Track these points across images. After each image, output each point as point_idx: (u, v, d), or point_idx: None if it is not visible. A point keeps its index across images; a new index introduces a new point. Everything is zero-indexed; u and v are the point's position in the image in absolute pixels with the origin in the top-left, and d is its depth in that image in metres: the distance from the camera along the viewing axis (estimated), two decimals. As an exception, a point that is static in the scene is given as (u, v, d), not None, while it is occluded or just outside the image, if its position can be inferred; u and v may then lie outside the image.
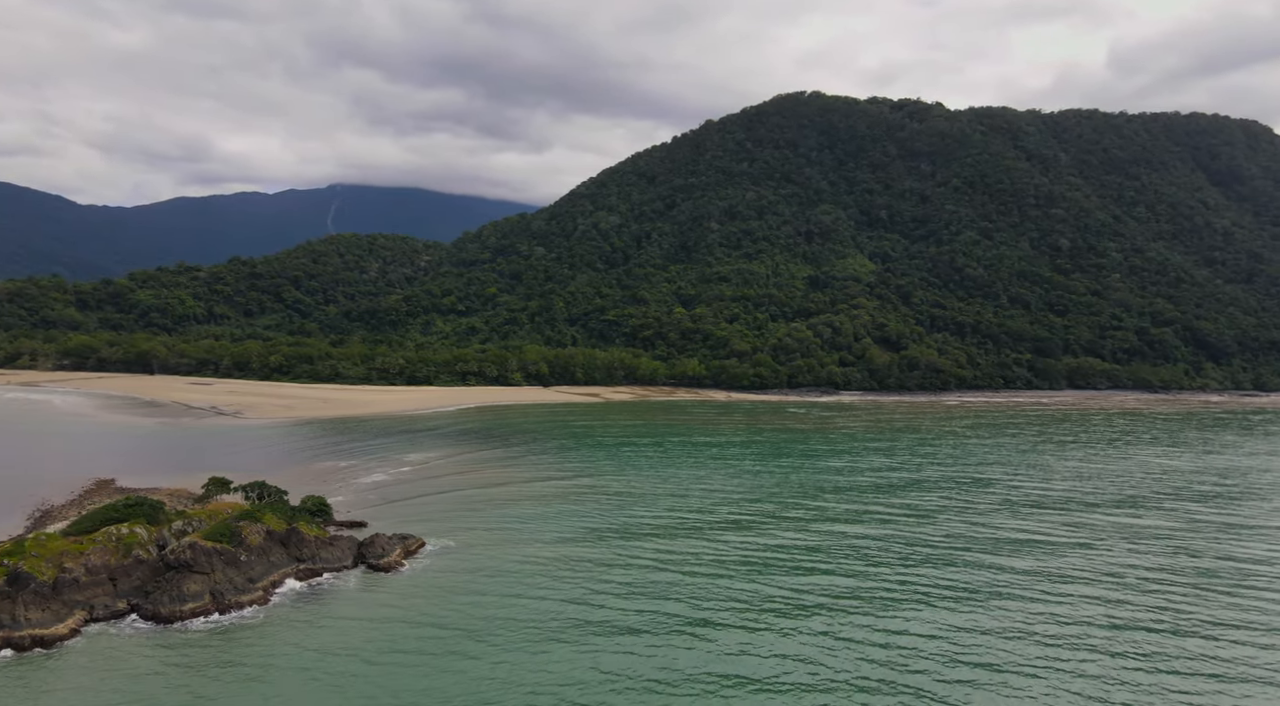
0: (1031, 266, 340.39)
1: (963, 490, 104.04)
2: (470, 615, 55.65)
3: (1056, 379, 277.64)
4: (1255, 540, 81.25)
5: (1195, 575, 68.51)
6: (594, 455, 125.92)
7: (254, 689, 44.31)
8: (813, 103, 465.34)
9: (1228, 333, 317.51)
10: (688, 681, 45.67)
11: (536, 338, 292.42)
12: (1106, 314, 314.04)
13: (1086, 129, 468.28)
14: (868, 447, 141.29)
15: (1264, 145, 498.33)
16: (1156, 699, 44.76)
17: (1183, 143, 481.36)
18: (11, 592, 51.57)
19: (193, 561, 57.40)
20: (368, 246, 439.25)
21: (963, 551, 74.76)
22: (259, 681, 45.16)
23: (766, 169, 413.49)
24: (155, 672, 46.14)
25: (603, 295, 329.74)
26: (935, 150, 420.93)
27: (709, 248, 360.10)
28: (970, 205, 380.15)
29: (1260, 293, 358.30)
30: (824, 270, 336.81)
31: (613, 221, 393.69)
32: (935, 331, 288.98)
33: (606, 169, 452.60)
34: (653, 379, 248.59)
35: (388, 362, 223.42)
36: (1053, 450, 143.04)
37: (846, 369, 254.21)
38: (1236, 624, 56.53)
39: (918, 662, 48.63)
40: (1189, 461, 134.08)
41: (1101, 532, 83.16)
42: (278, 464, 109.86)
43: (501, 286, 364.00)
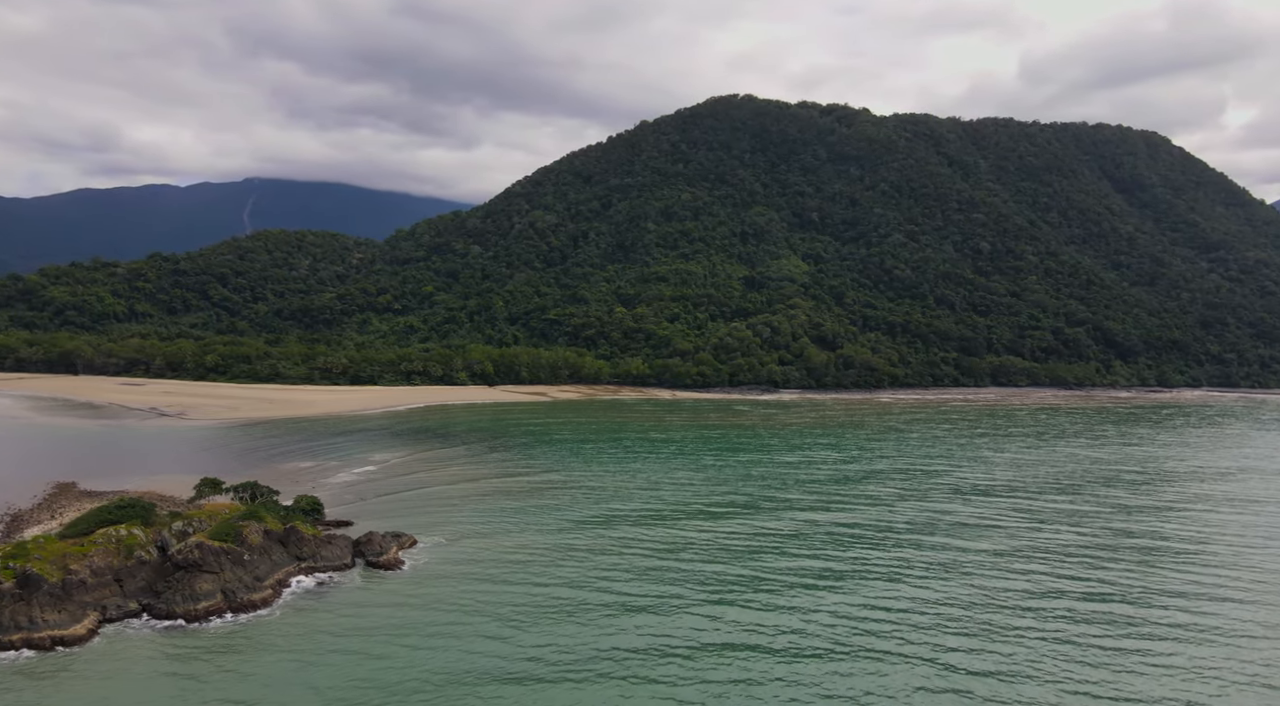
0: (955, 268, 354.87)
1: (914, 480, 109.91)
2: (482, 603, 57.87)
3: (981, 376, 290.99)
4: (1178, 520, 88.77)
5: (1133, 551, 74.88)
6: (556, 452, 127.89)
7: (284, 685, 45.36)
8: (745, 106, 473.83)
9: (1134, 332, 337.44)
10: (698, 651, 48.82)
11: (477, 337, 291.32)
12: (1025, 314, 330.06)
13: (1003, 137, 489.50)
14: (819, 443, 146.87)
15: (1163, 155, 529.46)
16: (1105, 653, 49.74)
17: (1090, 151, 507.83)
18: (25, 594, 51.29)
19: (201, 561, 57.71)
20: (296, 243, 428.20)
21: (925, 534, 79.93)
22: (288, 678, 46.22)
23: (701, 170, 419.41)
24: (182, 670, 46.80)
25: (541, 294, 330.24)
26: (863, 155, 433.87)
27: (646, 248, 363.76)
28: (897, 209, 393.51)
29: (1162, 294, 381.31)
30: (759, 271, 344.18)
31: (550, 220, 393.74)
32: (868, 331, 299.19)
33: (542, 168, 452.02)
34: (597, 378, 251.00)
35: (330, 362, 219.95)
36: (989, 443, 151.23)
37: (785, 367, 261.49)
38: (1173, 592, 62.49)
39: (894, 630, 52.75)
40: (1112, 452, 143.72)
41: (1045, 515, 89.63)
42: (243, 465, 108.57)
43: (438, 285, 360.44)
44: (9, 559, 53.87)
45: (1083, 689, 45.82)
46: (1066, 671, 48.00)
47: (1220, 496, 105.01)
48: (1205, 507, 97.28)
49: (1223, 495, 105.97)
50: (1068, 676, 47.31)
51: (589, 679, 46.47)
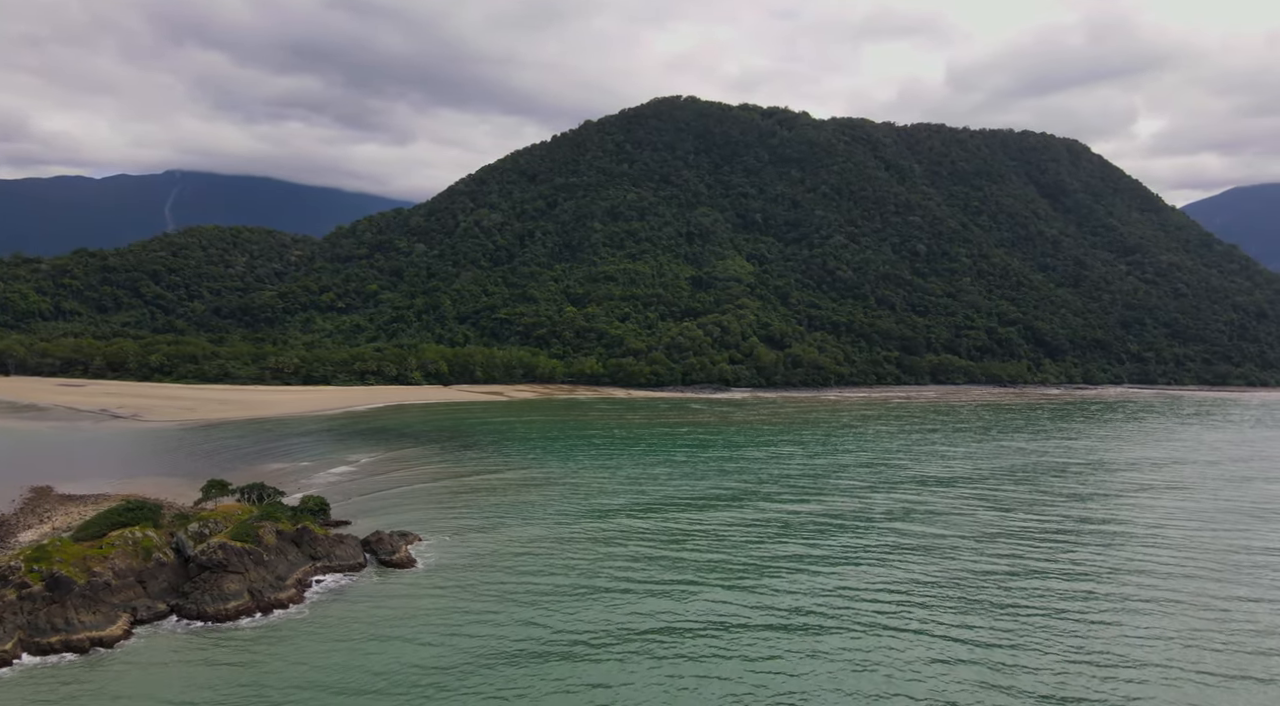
0: (894, 270, 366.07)
1: (881, 472, 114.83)
2: (505, 593, 60.18)
3: (922, 375, 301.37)
4: (1129, 506, 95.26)
5: (1093, 534, 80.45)
6: (530, 450, 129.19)
7: (337, 676, 46.48)
8: (688, 107, 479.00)
9: (1061, 332, 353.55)
10: (716, 629, 51.71)
11: (427, 336, 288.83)
12: (961, 315, 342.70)
13: (936, 142, 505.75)
14: (782, 439, 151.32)
15: (1083, 162, 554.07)
16: (1080, 624, 54.32)
17: (1017, 158, 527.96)
18: (57, 597, 51.16)
19: (226, 562, 58.06)
20: (231, 239, 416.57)
21: (901, 521, 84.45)
22: (340, 669, 47.30)
23: (646, 170, 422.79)
24: (229, 669, 47.49)
25: (489, 293, 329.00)
26: (804, 157, 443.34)
27: (593, 247, 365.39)
28: (838, 211, 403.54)
29: (1085, 296, 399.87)
30: (705, 271, 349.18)
31: (495, 219, 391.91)
32: (814, 331, 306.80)
33: (486, 166, 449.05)
34: (551, 377, 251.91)
35: (281, 362, 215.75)
36: (943, 438, 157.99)
37: (736, 366, 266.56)
38: (1137, 569, 67.87)
39: (886, 606, 56.48)
40: (1056, 445, 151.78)
41: (1007, 503, 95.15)
42: (217, 467, 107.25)
43: (383, 283, 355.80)
44: (33, 562, 53.46)
45: (1058, 652, 50.03)
46: (1045, 640, 52.25)
47: (1162, 484, 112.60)
48: (1150, 495, 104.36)
49: (1164, 483, 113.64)
50: (1045, 644, 51.54)
51: (622, 654, 49.75)
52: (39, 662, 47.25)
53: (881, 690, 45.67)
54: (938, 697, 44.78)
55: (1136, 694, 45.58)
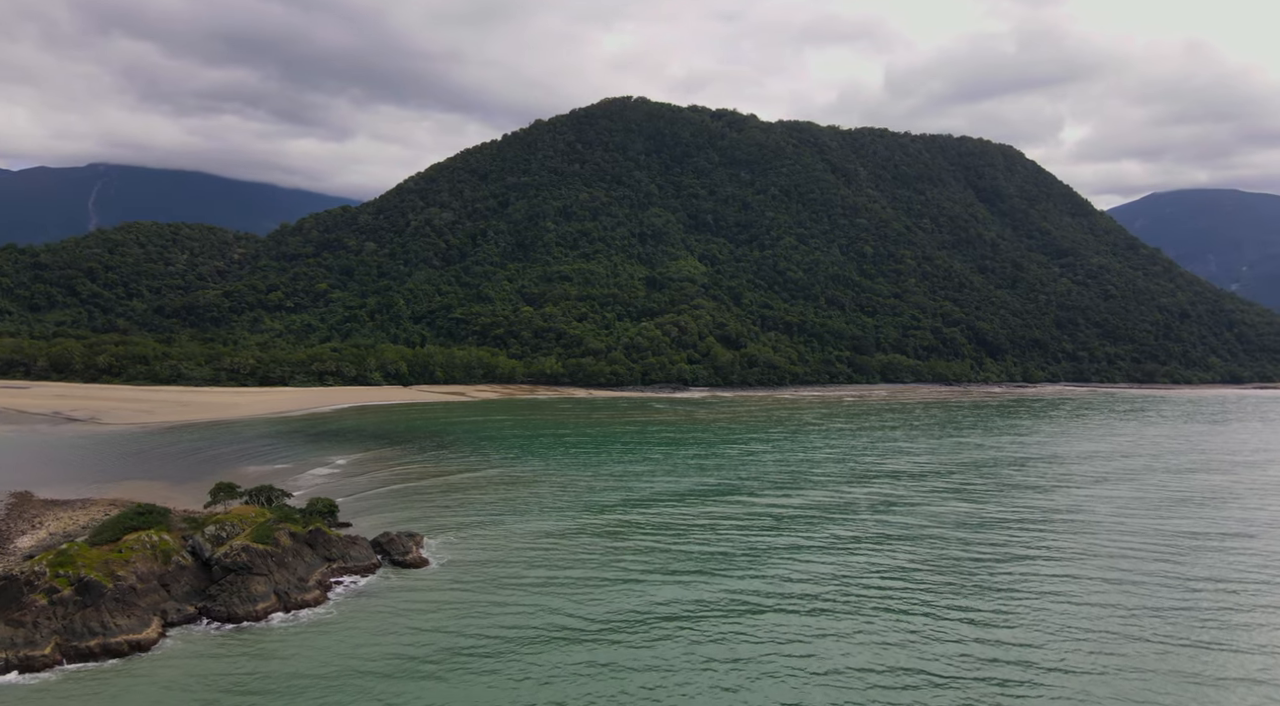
0: (843, 271, 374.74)
1: (852, 466, 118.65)
2: (529, 585, 61.84)
3: (872, 374, 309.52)
4: (1089, 498, 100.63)
5: (1062, 522, 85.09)
6: (508, 450, 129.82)
7: (377, 671, 47.14)
8: (639, 107, 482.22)
9: (1001, 332, 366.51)
10: (734, 609, 54.13)
11: (381, 336, 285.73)
12: (907, 315, 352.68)
13: (879, 146, 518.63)
14: (751, 437, 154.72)
15: (1018, 168, 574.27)
16: (1054, 600, 58.27)
17: (955, 162, 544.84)
18: (89, 601, 50.89)
19: (250, 564, 58.17)
20: (171, 236, 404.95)
21: (880, 513, 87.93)
22: (378, 665, 47.94)
23: (598, 171, 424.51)
24: (269, 667, 47.97)
25: (443, 293, 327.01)
26: (753, 159, 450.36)
27: (546, 247, 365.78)
28: (787, 212, 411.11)
29: (1022, 297, 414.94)
30: (659, 271, 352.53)
31: (446, 218, 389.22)
32: (768, 331, 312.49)
33: (435, 164, 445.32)
34: (511, 377, 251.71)
35: (237, 362, 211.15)
36: (903, 434, 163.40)
37: (694, 366, 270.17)
38: (1107, 553, 72.41)
39: (876, 590, 59.61)
40: (1011, 440, 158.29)
41: (978, 494, 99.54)
42: (192, 470, 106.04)
43: (332, 282, 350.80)
44: (58, 567, 52.97)
45: (1045, 628, 53.67)
46: (1032, 617, 55.86)
47: (1116, 476, 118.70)
48: (1107, 486, 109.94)
49: (1117, 474, 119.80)
50: (1032, 620, 55.16)
51: (648, 636, 52.54)
52: (80, 667, 47.05)
53: (893, 664, 48.52)
54: (928, 669, 47.82)
55: (1112, 663, 49.21)
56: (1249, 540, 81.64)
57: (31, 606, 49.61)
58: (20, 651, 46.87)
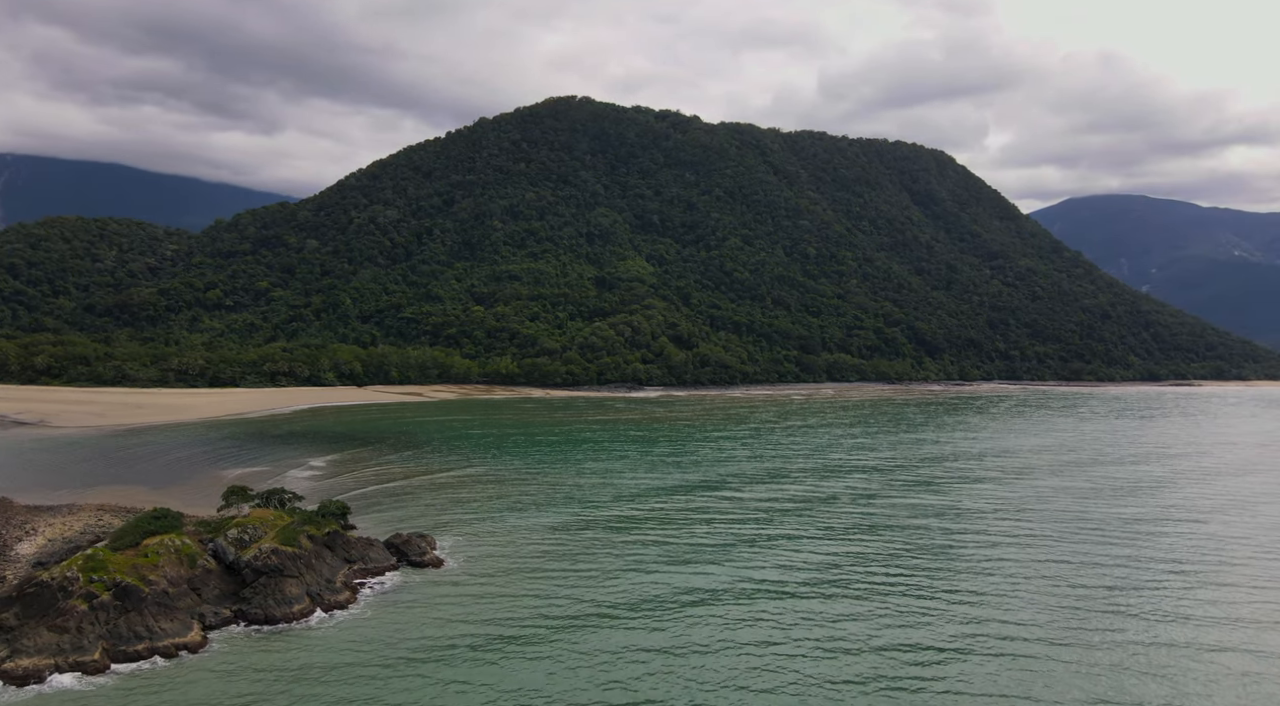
0: (787, 272, 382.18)
1: (820, 459, 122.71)
2: (548, 576, 64.14)
3: (819, 373, 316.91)
4: (1051, 489, 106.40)
5: (1034, 512, 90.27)
6: (486, 450, 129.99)
7: (432, 658, 48.18)
8: (584, 107, 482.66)
9: (939, 332, 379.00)
10: (737, 593, 56.73)
11: (329, 336, 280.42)
12: (850, 315, 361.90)
13: (818, 149, 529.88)
14: (718, 436, 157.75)
15: (950, 172, 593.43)
16: (1016, 582, 62.58)
17: (891, 166, 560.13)
18: (128, 605, 50.45)
19: (281, 566, 58.17)
20: (98, 231, 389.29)
21: (860, 504, 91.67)
22: (430, 654, 48.97)
23: (543, 170, 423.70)
24: (326, 664, 48.45)
25: (390, 292, 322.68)
26: (698, 161, 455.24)
27: (494, 246, 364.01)
28: (732, 213, 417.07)
29: (957, 298, 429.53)
30: (608, 271, 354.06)
31: (391, 216, 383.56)
32: (718, 330, 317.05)
33: (378, 161, 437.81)
34: (466, 377, 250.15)
35: (185, 363, 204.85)
36: (860, 432, 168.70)
37: (648, 366, 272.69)
38: (1071, 539, 77.38)
39: (874, 574, 63.24)
40: (963, 435, 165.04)
41: (943, 485, 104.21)
42: (174, 473, 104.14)
43: (274, 280, 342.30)
44: (91, 572, 52.28)
45: (1007, 601, 57.71)
46: (1002, 595, 59.82)
47: (1070, 466, 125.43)
48: (1063, 478, 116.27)
49: (1066, 465, 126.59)
50: (1001, 597, 59.12)
51: (676, 617, 55.61)
52: (133, 669, 46.69)
53: (890, 642, 51.70)
54: (921, 643, 51.20)
55: (1076, 623, 53.35)
56: (1197, 524, 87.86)
57: (72, 612, 48.97)
58: (70, 657, 46.34)
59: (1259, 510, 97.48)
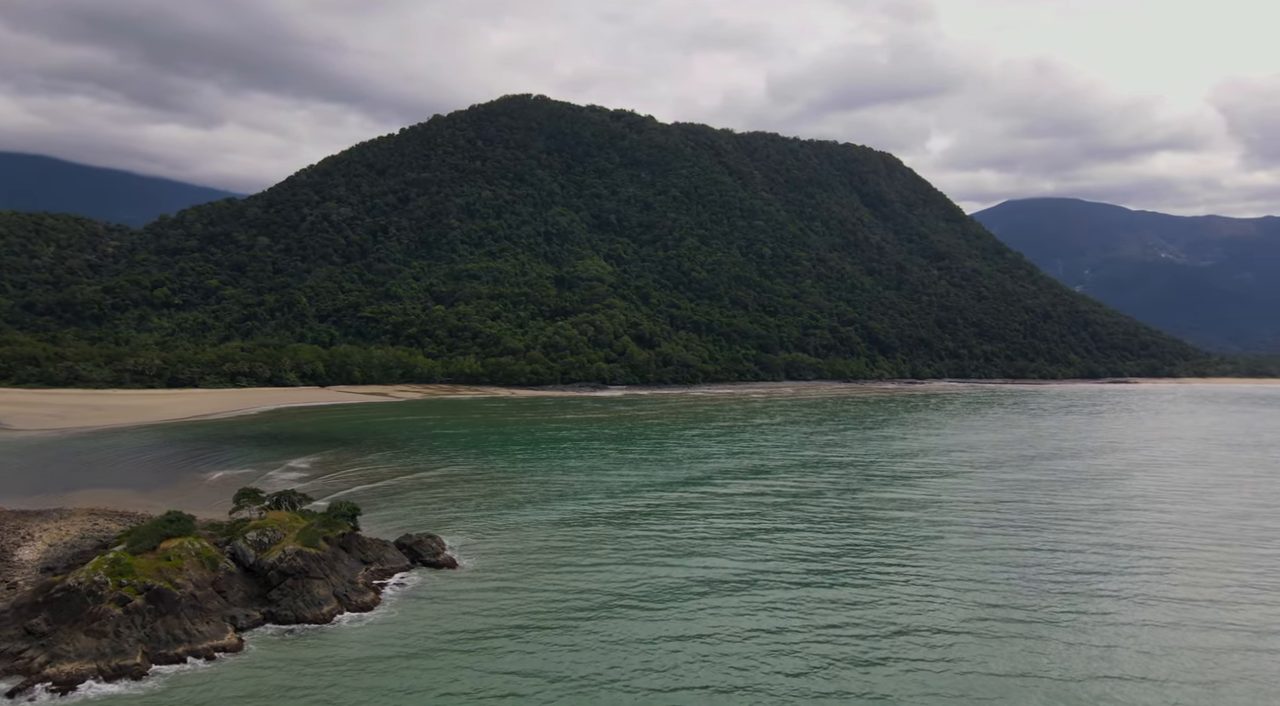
0: (744, 272, 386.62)
1: (795, 455, 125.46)
2: (564, 568, 66.37)
3: (777, 372, 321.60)
4: (1032, 484, 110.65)
5: (1011, 504, 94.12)
6: (463, 449, 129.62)
7: (459, 655, 49.01)
8: (539, 106, 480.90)
9: (891, 331, 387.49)
10: (741, 579, 58.70)
11: (286, 335, 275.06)
12: (806, 314, 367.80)
13: (772, 150, 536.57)
14: (691, 434, 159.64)
15: (898, 175, 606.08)
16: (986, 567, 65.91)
17: (841, 168, 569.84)
18: (166, 608, 50.03)
19: (306, 568, 58.03)
20: (34, 227, 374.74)
21: (840, 496, 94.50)
22: (460, 650, 49.78)
23: (500, 168, 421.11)
24: (368, 665, 48.67)
25: (346, 290, 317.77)
26: (654, 161, 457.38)
27: (452, 244, 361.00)
28: (689, 214, 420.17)
29: (907, 298, 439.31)
30: (567, 270, 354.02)
31: (345, 213, 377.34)
32: (678, 330, 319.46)
33: (330, 157, 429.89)
34: (430, 377, 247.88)
35: (142, 363, 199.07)
36: (829, 429, 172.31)
37: (612, 365, 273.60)
38: (1027, 524, 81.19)
39: (871, 559, 65.84)
40: (927, 432, 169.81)
41: (921, 480, 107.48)
42: (157, 476, 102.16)
43: (224, 279, 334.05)
44: (119, 576, 51.64)
45: (984, 580, 60.86)
46: (982, 575, 62.99)
47: (1032, 459, 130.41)
48: (1036, 473, 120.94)
49: (1030, 456, 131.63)
50: (980, 575, 62.29)
51: (690, 604, 58.47)
52: (175, 672, 46.36)
53: (883, 621, 54.15)
54: (921, 626, 53.81)
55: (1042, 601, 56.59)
56: (1161, 513, 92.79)
57: (107, 616, 48.39)
58: (111, 661, 45.87)
59: (1213, 498, 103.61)
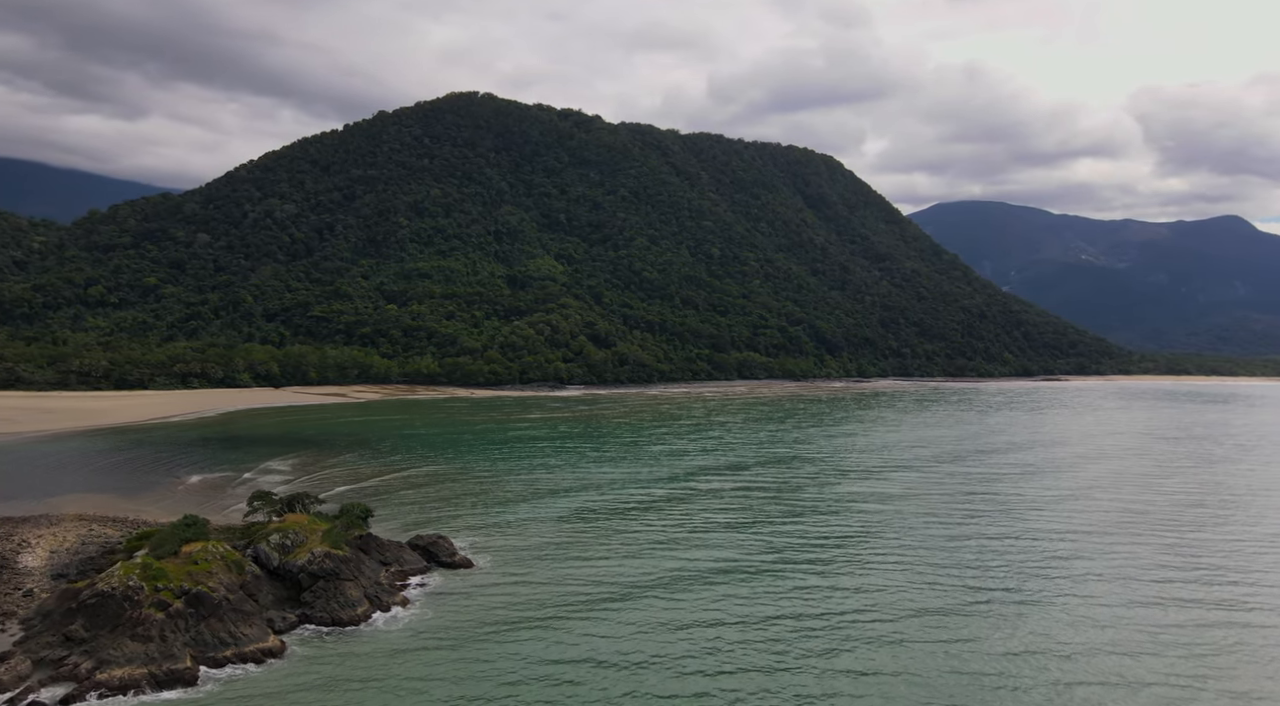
0: (694, 272, 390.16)
1: (768, 452, 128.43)
2: (582, 560, 69.24)
3: (730, 371, 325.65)
4: (996, 477, 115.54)
5: (982, 496, 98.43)
6: (440, 448, 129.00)
7: (504, 655, 49.59)
8: (486, 103, 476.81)
9: (838, 331, 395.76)
10: (760, 561, 60.78)
11: (234, 335, 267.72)
12: (755, 314, 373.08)
13: (717, 151, 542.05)
14: (660, 432, 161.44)
15: (839, 177, 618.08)
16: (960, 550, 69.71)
17: (785, 170, 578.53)
18: (207, 612, 49.61)
19: (337, 570, 57.96)
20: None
21: (818, 487, 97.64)
22: (518, 634, 50.78)
23: (448, 166, 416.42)
24: (419, 644, 50.48)
25: (292, 289, 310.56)
26: (602, 160, 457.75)
27: (401, 243, 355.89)
28: (638, 214, 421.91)
29: (851, 298, 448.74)
30: (518, 270, 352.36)
31: (289, 210, 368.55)
32: (633, 329, 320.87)
33: (270, 152, 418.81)
34: (387, 377, 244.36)
35: (88, 364, 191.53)
36: (792, 425, 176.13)
37: (569, 364, 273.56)
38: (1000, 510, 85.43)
39: (841, 549, 68.82)
40: (886, 429, 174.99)
41: (890, 473, 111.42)
42: (137, 481, 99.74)
43: (162, 276, 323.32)
44: (154, 580, 50.96)
45: (937, 569, 64.55)
46: (963, 559, 66.57)
47: (990, 451, 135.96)
48: (998, 467, 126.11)
49: (989, 449, 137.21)
50: (962, 559, 65.93)
51: (697, 588, 62.29)
52: (228, 675, 46.06)
53: (863, 605, 57.51)
54: (923, 607, 56.68)
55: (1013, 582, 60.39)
56: (1115, 499, 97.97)
57: (150, 620, 47.83)
58: (161, 665, 45.46)
59: (1163, 488, 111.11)
